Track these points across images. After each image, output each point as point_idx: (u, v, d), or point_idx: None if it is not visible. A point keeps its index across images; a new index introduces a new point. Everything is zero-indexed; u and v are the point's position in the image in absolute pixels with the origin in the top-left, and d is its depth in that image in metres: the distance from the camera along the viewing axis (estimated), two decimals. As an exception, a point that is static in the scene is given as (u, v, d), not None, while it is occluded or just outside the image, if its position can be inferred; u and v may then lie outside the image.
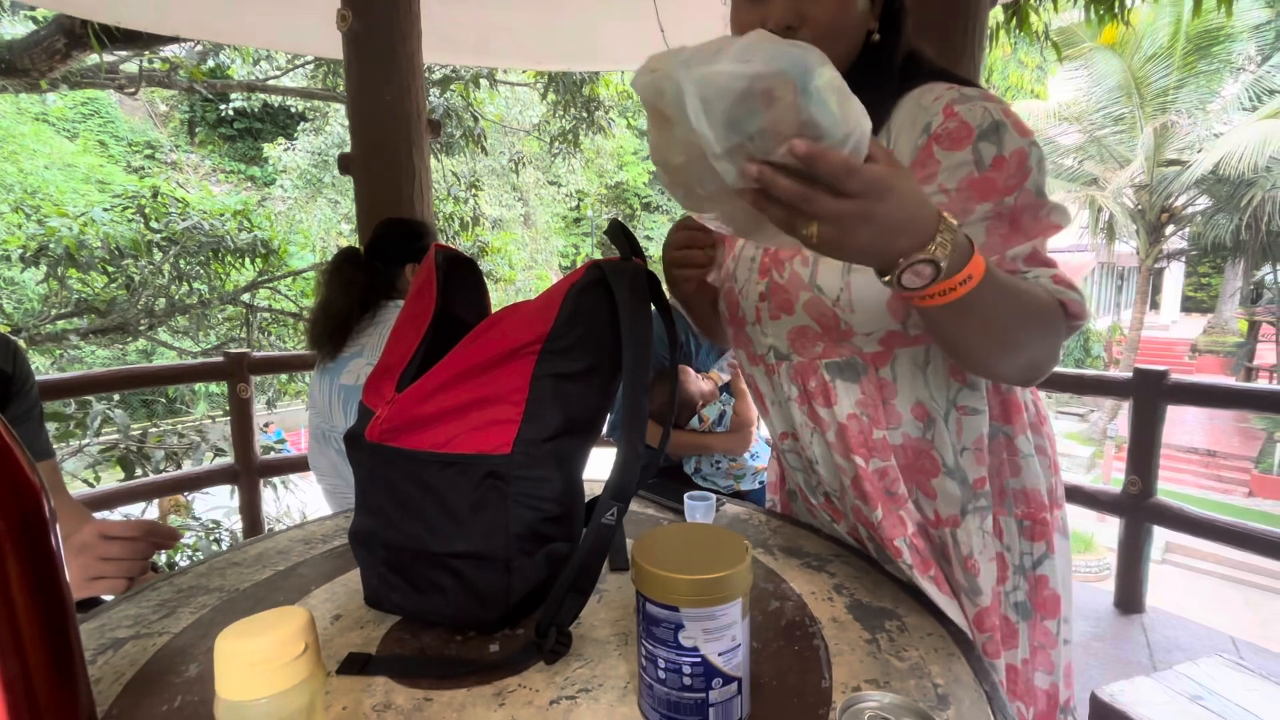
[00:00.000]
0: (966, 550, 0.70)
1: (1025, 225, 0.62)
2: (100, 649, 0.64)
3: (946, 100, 0.64)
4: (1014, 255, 0.62)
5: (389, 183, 1.97)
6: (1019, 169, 0.61)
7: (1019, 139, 0.62)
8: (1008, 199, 0.62)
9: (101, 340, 4.90)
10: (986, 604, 0.70)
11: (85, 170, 11.66)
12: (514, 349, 0.62)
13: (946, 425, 0.71)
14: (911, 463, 0.72)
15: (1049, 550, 0.73)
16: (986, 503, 0.71)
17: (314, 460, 1.51)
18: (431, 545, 0.62)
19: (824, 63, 0.43)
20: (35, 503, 0.44)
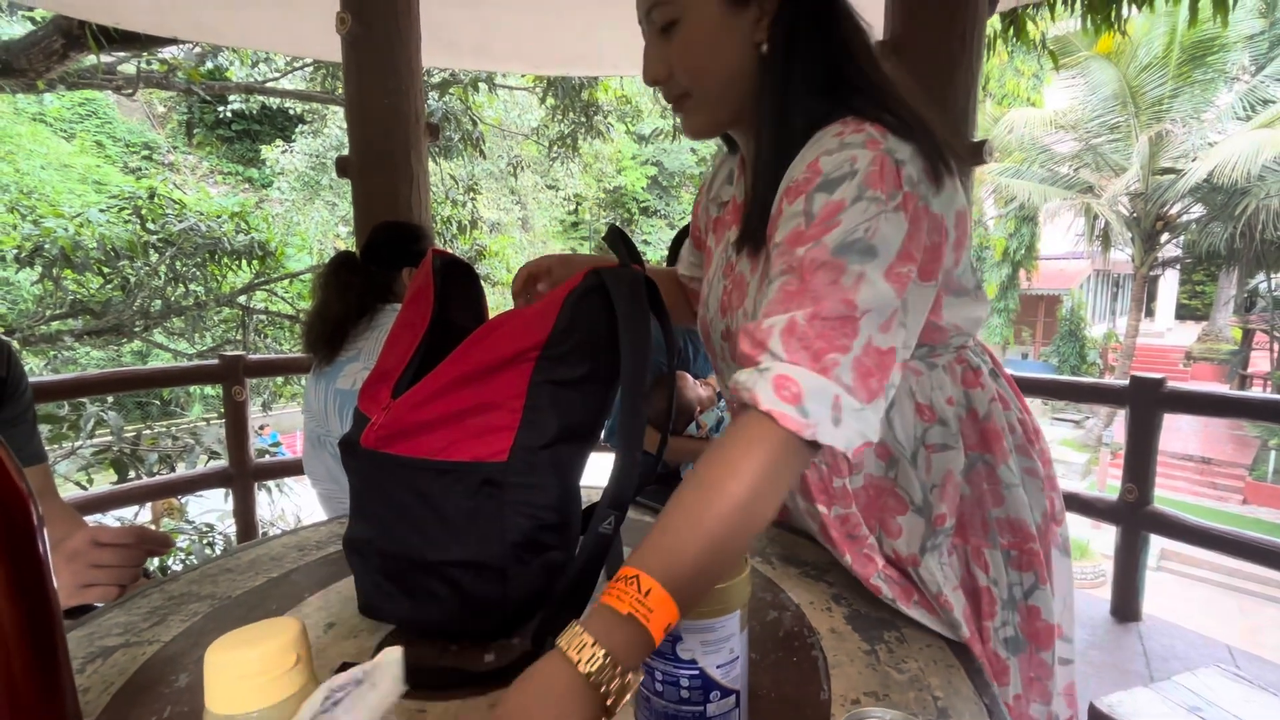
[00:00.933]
0: (935, 588, 0.66)
1: (816, 288, 0.50)
2: (89, 657, 0.63)
3: (821, 149, 0.55)
4: (770, 324, 0.50)
5: (387, 186, 1.96)
6: (826, 219, 0.52)
7: (854, 191, 0.52)
8: (799, 250, 0.52)
9: (96, 341, 4.88)
10: (966, 635, 0.66)
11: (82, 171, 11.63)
12: (511, 356, 0.61)
13: (914, 464, 0.68)
14: (872, 501, 0.70)
15: (1039, 580, 0.68)
16: (944, 539, 0.68)
17: (309, 465, 1.50)
18: (427, 553, 0.61)
19: None
20: (23, 510, 0.43)
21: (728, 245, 0.73)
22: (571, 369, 0.63)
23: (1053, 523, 0.71)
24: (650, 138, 11.50)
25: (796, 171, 0.57)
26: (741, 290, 0.68)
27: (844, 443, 0.48)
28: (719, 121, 0.67)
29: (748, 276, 0.67)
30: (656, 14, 0.62)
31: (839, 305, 0.49)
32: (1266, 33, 11.05)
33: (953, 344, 0.68)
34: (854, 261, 0.50)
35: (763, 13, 0.60)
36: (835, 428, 0.48)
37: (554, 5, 2.53)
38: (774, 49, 0.60)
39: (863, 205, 0.52)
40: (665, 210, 17.82)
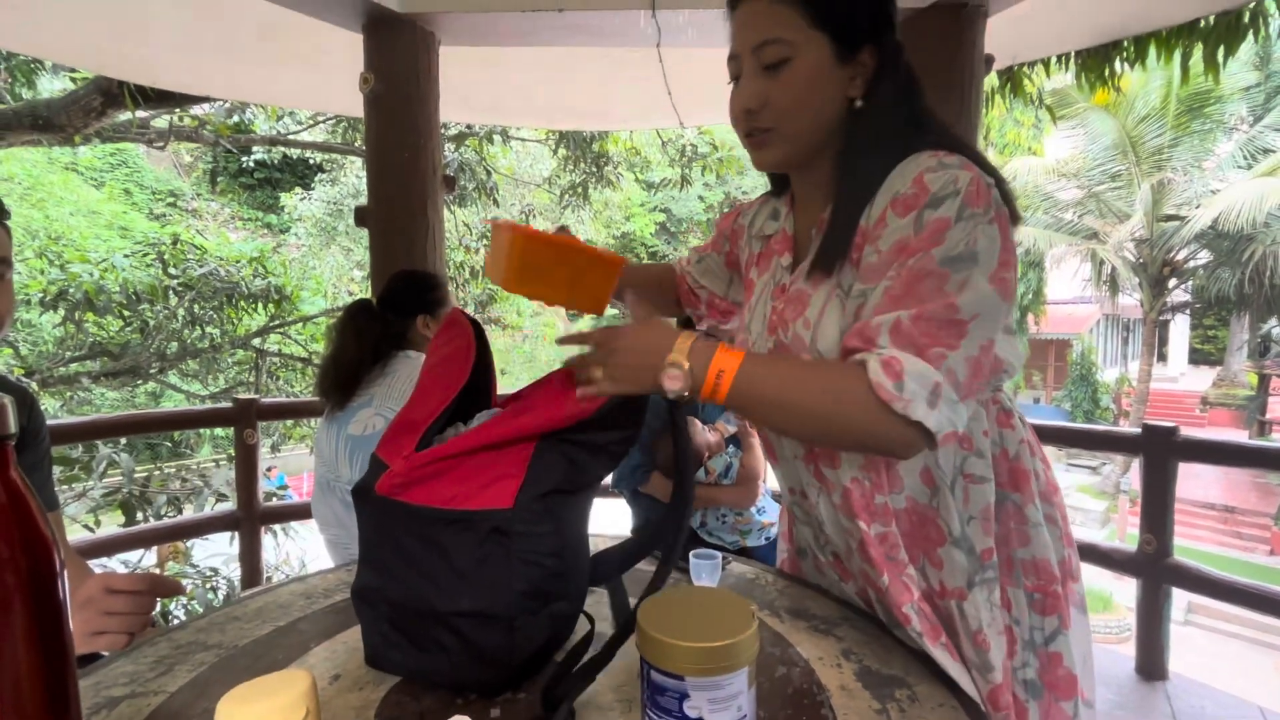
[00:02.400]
0: (975, 624, 0.67)
1: (921, 293, 0.58)
2: (95, 708, 0.63)
3: (922, 168, 0.62)
4: (879, 323, 0.59)
5: (403, 235, 2.02)
6: (934, 234, 0.59)
7: (960, 209, 0.59)
8: (910, 260, 0.60)
9: (112, 383, 4.95)
10: (999, 680, 0.66)
11: (109, 217, 12.02)
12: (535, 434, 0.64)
13: (953, 493, 0.69)
14: (915, 529, 0.71)
15: (1062, 626, 0.69)
16: (994, 574, 0.69)
17: (317, 510, 1.50)
18: (436, 603, 0.61)
19: None
20: (47, 557, 0.45)
21: (777, 271, 0.78)
22: (586, 437, 0.66)
23: (1069, 578, 0.71)
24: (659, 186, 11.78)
25: (900, 185, 0.63)
26: (800, 304, 0.72)
27: (935, 424, 0.56)
28: (793, 159, 0.72)
29: (810, 291, 0.71)
30: (768, 51, 0.66)
31: (942, 308, 0.57)
32: (1263, 85, 11.30)
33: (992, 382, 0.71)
34: (958, 270, 0.58)
35: (859, 72, 0.68)
36: (929, 409, 0.55)
37: (567, 66, 2.65)
38: (868, 104, 0.68)
39: (965, 223, 0.59)
40: (674, 256, 18.09)
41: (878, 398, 0.56)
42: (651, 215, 17.31)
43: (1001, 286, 0.59)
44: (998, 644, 0.68)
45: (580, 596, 0.69)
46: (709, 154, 5.81)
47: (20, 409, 0.95)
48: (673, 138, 5.78)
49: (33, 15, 2.18)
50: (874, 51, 0.68)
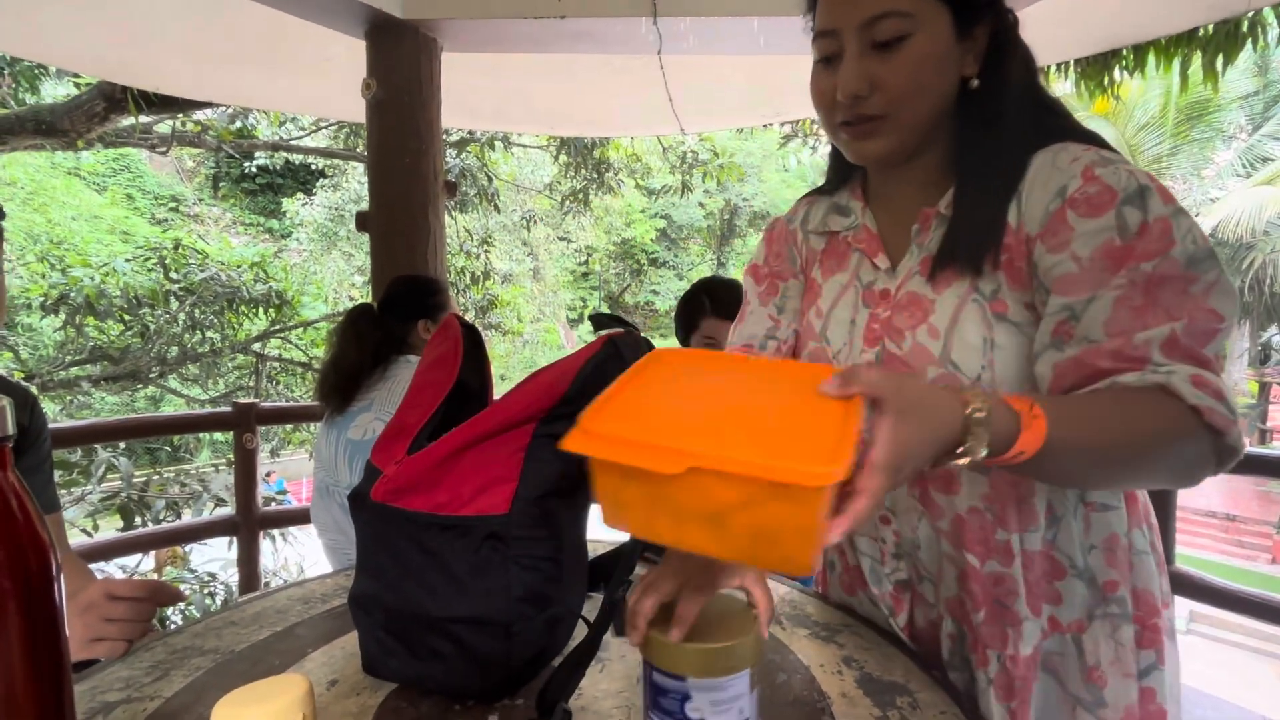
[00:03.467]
0: (1092, 660, 0.62)
1: (1167, 301, 0.52)
2: (90, 713, 0.62)
3: (1086, 162, 0.56)
4: (1145, 339, 0.51)
5: (405, 241, 2.03)
6: (1162, 235, 0.53)
7: (1164, 206, 0.54)
8: (1144, 265, 0.53)
9: (112, 387, 4.95)
10: (1115, 718, 0.61)
11: (111, 222, 12.05)
12: (521, 419, 0.64)
13: (1075, 522, 0.63)
14: (1047, 571, 0.64)
15: (1159, 661, 0.64)
16: (1120, 610, 0.62)
17: (316, 515, 1.50)
18: (432, 609, 0.61)
19: None
20: (43, 561, 0.44)
21: (865, 272, 0.71)
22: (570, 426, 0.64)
23: (1163, 606, 0.66)
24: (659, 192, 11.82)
25: (1066, 180, 0.56)
26: (919, 310, 0.64)
27: (1237, 441, 0.51)
28: (905, 148, 0.63)
29: (930, 295, 0.64)
30: (885, 26, 0.58)
31: (1208, 315, 0.52)
32: (1261, 93, 11.36)
33: None
34: (1203, 270, 0.52)
35: (972, 48, 0.61)
36: (1239, 430, 0.50)
37: (569, 72, 2.67)
38: (986, 83, 0.62)
39: (1181, 218, 0.54)
40: (674, 261, 18.14)
41: (1207, 424, 0.49)
42: (652, 222, 17.36)
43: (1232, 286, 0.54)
44: (1118, 684, 0.62)
45: (579, 601, 0.68)
46: (709, 160, 5.83)
47: (21, 411, 0.95)
48: (673, 144, 5.80)
49: (37, 21, 2.20)
50: (989, 23, 0.61)
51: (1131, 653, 0.63)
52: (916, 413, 0.42)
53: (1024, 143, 0.61)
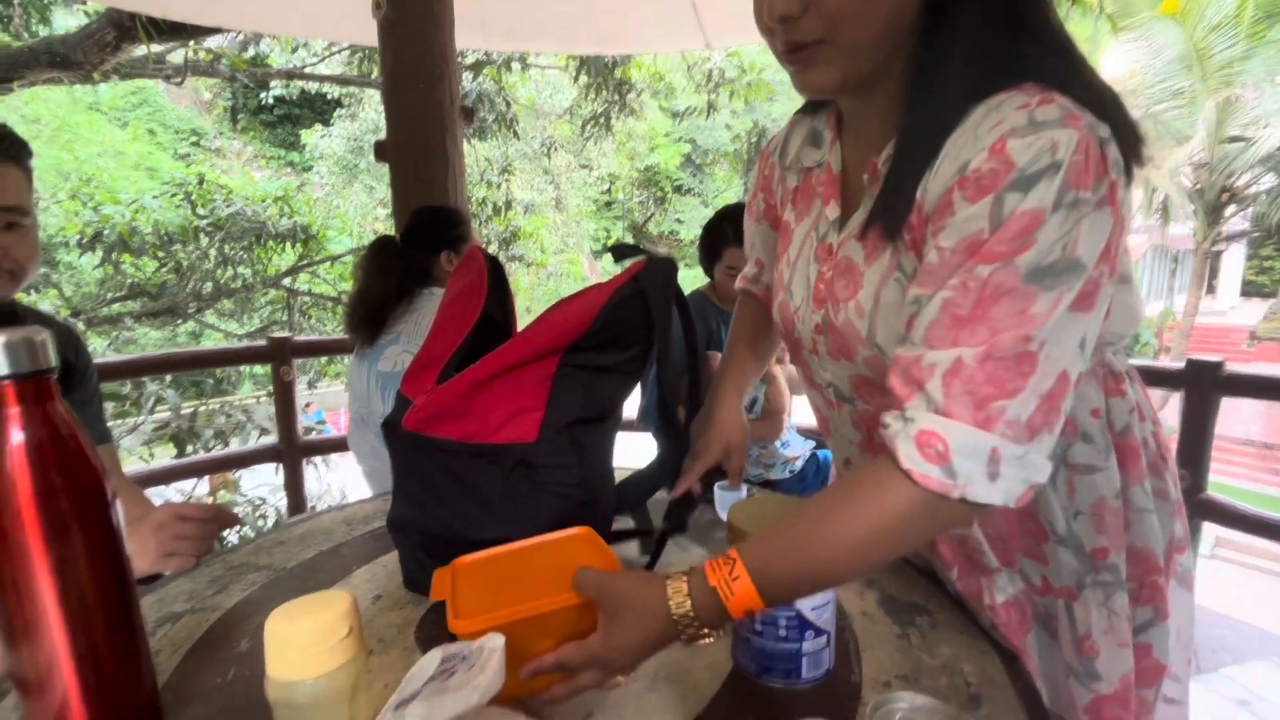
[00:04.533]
0: (1084, 629, 0.60)
1: (996, 319, 0.44)
2: (159, 621, 0.67)
3: (1006, 129, 0.45)
4: (933, 362, 0.45)
5: (423, 170, 1.99)
6: (1020, 232, 0.44)
7: (1056, 194, 0.43)
8: (982, 268, 0.44)
9: (153, 323, 5.11)
10: (1107, 691, 0.59)
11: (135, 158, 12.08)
12: (546, 350, 0.64)
13: (1054, 487, 0.60)
14: (1013, 526, 0.63)
15: (1159, 616, 0.62)
16: (1113, 577, 0.60)
17: (354, 443, 1.56)
18: (465, 532, 0.64)
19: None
20: (97, 485, 0.47)
21: (821, 222, 0.63)
22: (597, 358, 0.66)
23: (1175, 551, 0.64)
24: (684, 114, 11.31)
25: (972, 155, 0.46)
26: (852, 280, 0.58)
27: (1002, 497, 0.44)
28: (850, 79, 0.53)
29: (861, 265, 0.57)
30: None
31: (1018, 342, 0.43)
32: (1354, -15, 10.18)
33: (1105, 348, 0.60)
34: (1047, 287, 0.43)
35: None
36: (991, 483, 0.44)
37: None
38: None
39: (1063, 214, 0.43)
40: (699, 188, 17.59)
41: (927, 491, 0.44)
42: (676, 147, 16.73)
43: (1092, 298, 0.45)
44: (1112, 655, 0.60)
45: (606, 526, 0.71)
46: (737, 78, 5.53)
47: (66, 347, 0.98)
48: (698, 61, 5.50)
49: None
50: None
51: (1127, 620, 0.60)
52: (624, 616, 0.47)
53: (972, 84, 0.48)
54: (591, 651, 0.46)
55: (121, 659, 0.48)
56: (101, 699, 0.47)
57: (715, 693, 0.54)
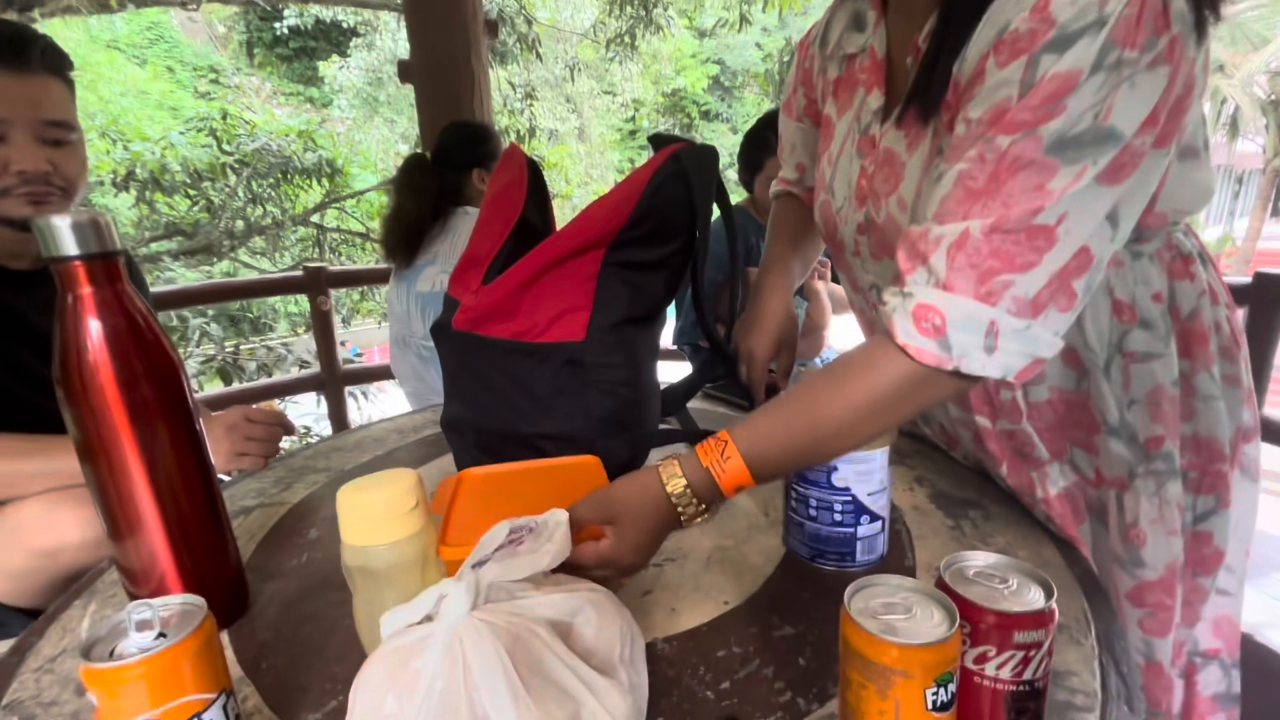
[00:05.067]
0: (1131, 518, 0.59)
1: (1010, 192, 0.41)
2: (233, 514, 0.71)
3: None
4: (939, 235, 0.43)
5: (449, 89, 1.93)
6: (1049, 98, 0.40)
7: (1096, 53, 0.39)
8: (1002, 138, 0.41)
9: (190, 262, 5.22)
10: (1151, 578, 0.59)
11: (158, 96, 12.02)
12: (591, 241, 0.62)
13: (1108, 376, 0.58)
14: (1063, 417, 0.61)
15: (1220, 505, 0.60)
16: (1167, 466, 0.58)
17: (396, 365, 1.59)
18: (518, 426, 0.65)
19: None
20: (174, 372, 0.48)
21: (864, 113, 0.60)
22: (642, 253, 0.64)
23: (1242, 440, 0.61)
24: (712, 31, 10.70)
25: (1013, 14, 0.42)
26: (893, 173, 0.56)
27: (1001, 370, 0.43)
28: None
29: (903, 155, 0.55)
30: None
31: (1028, 215, 0.40)
32: None
33: (1169, 227, 0.56)
34: (1070, 160, 0.40)
35: None
36: (988, 356, 0.43)
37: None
38: None
39: (1102, 77, 0.39)
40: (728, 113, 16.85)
41: (922, 365, 0.44)
42: (704, 68, 15.93)
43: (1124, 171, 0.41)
44: (1160, 542, 0.59)
45: (657, 420, 0.71)
46: (770, -13, 5.15)
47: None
48: (729, -31, 5.13)
49: None
50: None
51: (1178, 509, 0.59)
52: (627, 515, 0.47)
53: None
54: (603, 553, 0.46)
55: (210, 537, 0.51)
56: (196, 573, 0.50)
57: (770, 574, 0.55)
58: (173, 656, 0.32)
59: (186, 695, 0.32)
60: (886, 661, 0.29)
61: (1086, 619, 0.48)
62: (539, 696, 0.33)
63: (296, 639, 0.50)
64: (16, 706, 0.44)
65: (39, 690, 0.46)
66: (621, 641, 0.39)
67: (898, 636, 0.29)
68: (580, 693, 0.35)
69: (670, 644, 0.47)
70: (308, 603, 0.54)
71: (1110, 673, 0.43)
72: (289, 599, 0.55)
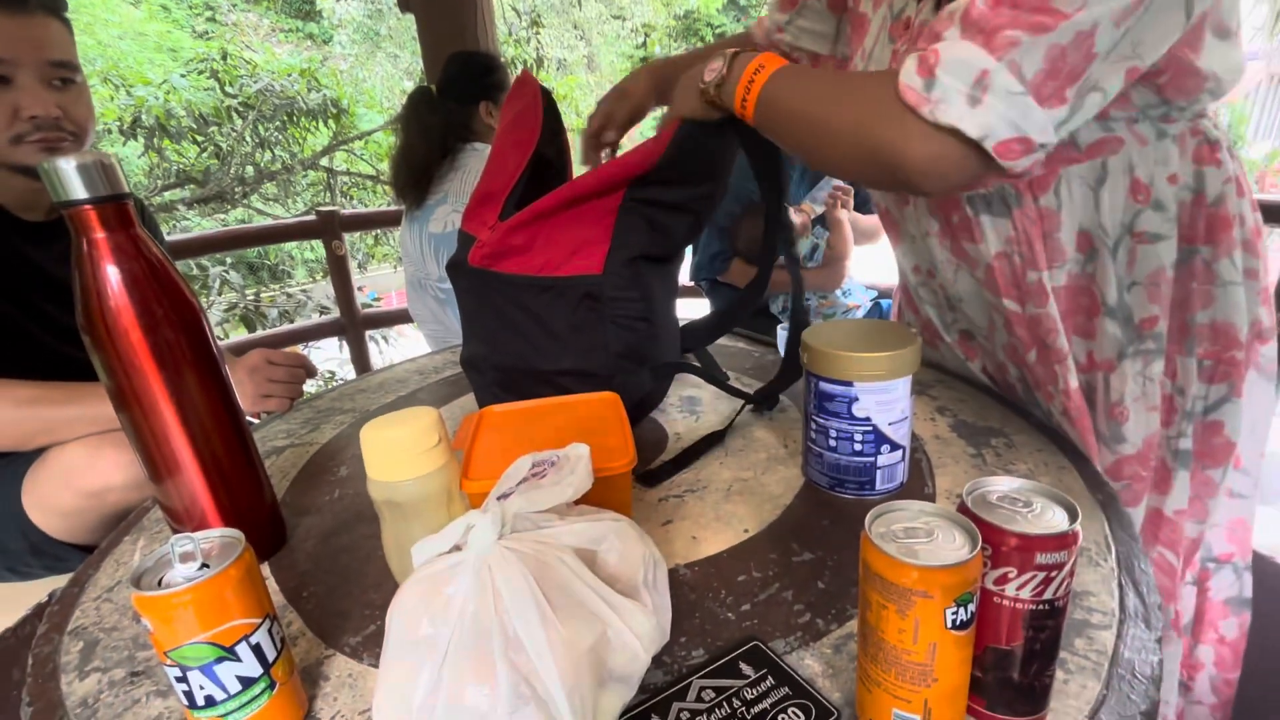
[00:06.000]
0: (1116, 396, 0.61)
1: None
2: (265, 455, 0.73)
3: None
4: (951, 10, 0.45)
5: (451, 17, 1.84)
6: None
7: None
8: None
9: (204, 210, 5.22)
10: (1128, 452, 0.62)
11: (156, 38, 11.69)
12: (615, 182, 0.61)
13: (1114, 256, 0.59)
14: (1071, 302, 0.62)
15: (1233, 393, 0.61)
16: (1155, 345, 0.60)
17: (413, 308, 1.60)
18: (537, 363, 0.65)
19: None
20: (195, 317, 0.49)
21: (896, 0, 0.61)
22: (665, 192, 0.63)
23: (1258, 340, 0.62)
24: (726, -55, 10.00)
25: None
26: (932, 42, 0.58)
27: (979, 129, 0.42)
28: None
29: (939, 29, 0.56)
30: None
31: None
32: None
33: (1197, 105, 0.55)
34: None
35: None
36: (970, 107, 0.42)
37: None
38: None
39: None
40: (743, 36, 15.95)
41: (904, 103, 0.44)
42: (718, -13, 14.99)
43: None
44: (1139, 418, 0.61)
45: (676, 354, 0.71)
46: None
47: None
48: None
49: None
50: None
51: (1159, 384, 0.61)
52: (679, 91, 0.61)
53: None
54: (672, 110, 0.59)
55: (244, 475, 0.53)
56: (233, 509, 0.52)
57: (789, 503, 0.56)
58: (217, 584, 0.33)
59: (233, 620, 0.34)
60: (906, 583, 0.29)
61: (1107, 542, 0.48)
62: (566, 618, 0.34)
63: (334, 569, 0.52)
64: (81, 633, 0.47)
65: (100, 617, 0.49)
66: (644, 566, 0.40)
67: (918, 559, 0.29)
68: (606, 614, 0.36)
69: (692, 569, 0.48)
70: (342, 535, 0.57)
71: (1129, 593, 0.43)
72: (324, 532, 0.57)
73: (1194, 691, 0.72)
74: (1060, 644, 0.33)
